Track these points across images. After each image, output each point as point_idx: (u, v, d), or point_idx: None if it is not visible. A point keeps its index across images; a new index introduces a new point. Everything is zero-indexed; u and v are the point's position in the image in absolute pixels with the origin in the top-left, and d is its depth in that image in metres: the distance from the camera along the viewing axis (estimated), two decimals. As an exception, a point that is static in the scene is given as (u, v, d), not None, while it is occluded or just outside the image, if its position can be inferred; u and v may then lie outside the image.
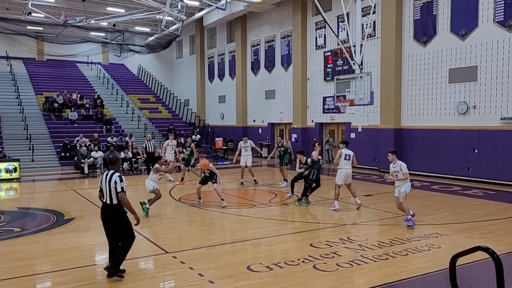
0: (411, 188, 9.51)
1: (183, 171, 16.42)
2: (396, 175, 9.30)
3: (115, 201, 5.94)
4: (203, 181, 11.84)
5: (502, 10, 14.44)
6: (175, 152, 17.83)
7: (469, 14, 15.39)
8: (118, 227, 6.02)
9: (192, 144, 16.59)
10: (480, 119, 15.25)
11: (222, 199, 11.45)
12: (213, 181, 11.48)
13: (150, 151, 19.18)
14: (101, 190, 6.13)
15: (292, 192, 12.68)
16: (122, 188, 5.93)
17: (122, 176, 6.08)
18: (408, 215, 9.20)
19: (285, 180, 14.70)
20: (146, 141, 19.56)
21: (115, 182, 5.90)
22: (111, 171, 6.08)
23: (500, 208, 11.05)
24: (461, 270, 5.19)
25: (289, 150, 15.11)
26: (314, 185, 11.67)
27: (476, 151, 15.41)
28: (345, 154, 10.97)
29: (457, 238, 8.30)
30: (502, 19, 14.45)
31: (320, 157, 11.88)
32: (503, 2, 14.41)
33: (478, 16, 15.15)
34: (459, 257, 3.36)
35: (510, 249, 7.55)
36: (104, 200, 6.06)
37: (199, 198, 11.97)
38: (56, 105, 25.52)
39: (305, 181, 11.65)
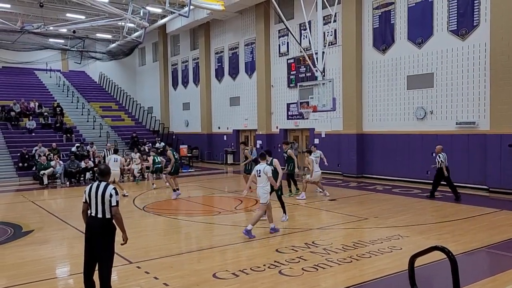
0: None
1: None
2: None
3: (108, 215, 5.54)
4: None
5: (456, 20, 15.11)
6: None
7: (425, 23, 16.01)
8: (106, 244, 5.54)
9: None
10: (437, 124, 15.85)
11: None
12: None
13: (109, 160, 18.76)
14: (86, 202, 5.67)
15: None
16: (117, 202, 5.57)
17: (117, 189, 5.73)
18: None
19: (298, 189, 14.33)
20: (105, 149, 19.18)
21: (111, 195, 5.49)
22: (103, 183, 5.63)
23: (457, 210, 11.50)
24: (420, 270, 5.37)
25: (292, 158, 13.99)
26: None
27: (434, 154, 15.94)
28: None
29: (417, 240, 8.56)
30: (456, 28, 15.13)
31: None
32: (456, 12, 15.09)
33: (433, 25, 15.79)
34: (417, 257, 3.49)
35: (466, 249, 7.87)
36: (94, 214, 5.58)
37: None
38: (13, 113, 24.60)
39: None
